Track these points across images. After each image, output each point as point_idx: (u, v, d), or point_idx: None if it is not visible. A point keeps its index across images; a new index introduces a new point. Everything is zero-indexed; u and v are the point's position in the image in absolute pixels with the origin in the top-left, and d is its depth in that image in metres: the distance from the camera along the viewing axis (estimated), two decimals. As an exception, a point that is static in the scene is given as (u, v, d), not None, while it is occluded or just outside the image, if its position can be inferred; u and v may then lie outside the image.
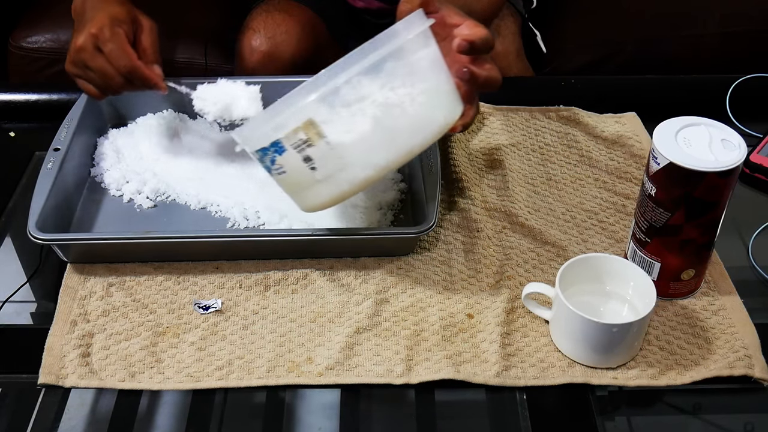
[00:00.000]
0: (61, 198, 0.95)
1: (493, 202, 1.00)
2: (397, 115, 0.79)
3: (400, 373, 0.81)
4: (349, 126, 0.78)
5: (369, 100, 0.78)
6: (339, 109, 0.77)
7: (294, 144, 0.78)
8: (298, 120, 0.77)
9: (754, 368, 0.81)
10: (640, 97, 1.19)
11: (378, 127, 0.78)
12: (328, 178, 0.80)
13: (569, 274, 0.83)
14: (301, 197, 0.85)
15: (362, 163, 0.80)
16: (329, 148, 0.78)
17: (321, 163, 0.79)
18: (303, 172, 0.80)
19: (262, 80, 1.12)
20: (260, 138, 0.79)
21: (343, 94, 0.77)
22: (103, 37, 0.92)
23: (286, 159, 0.79)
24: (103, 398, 0.80)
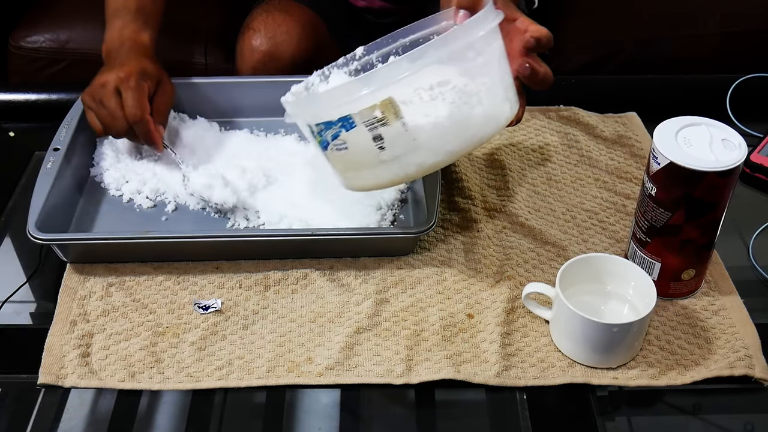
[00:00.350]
0: (61, 198, 0.95)
1: (493, 202, 1.00)
2: (474, 103, 0.80)
3: (400, 373, 0.81)
4: (428, 110, 0.78)
5: (450, 86, 0.78)
6: (420, 92, 0.78)
7: (367, 121, 0.77)
8: (377, 97, 0.76)
9: (755, 368, 0.81)
10: (640, 97, 1.19)
11: (455, 113, 0.79)
12: (395, 159, 0.80)
13: (569, 274, 0.83)
14: (354, 175, 0.85)
15: (434, 148, 0.80)
16: (404, 129, 0.78)
17: (391, 144, 0.79)
18: (369, 151, 0.80)
19: (262, 80, 1.12)
20: (326, 111, 0.79)
21: (425, 77, 0.77)
22: (127, 84, 0.96)
23: (353, 135, 0.79)
24: (103, 398, 0.80)
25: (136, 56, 1.00)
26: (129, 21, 1.04)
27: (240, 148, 1.05)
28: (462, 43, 0.77)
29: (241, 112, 1.11)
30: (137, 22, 1.04)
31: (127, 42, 1.02)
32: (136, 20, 1.04)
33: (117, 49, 1.01)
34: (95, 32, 1.50)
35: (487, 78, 0.80)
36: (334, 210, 0.96)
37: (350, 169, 0.84)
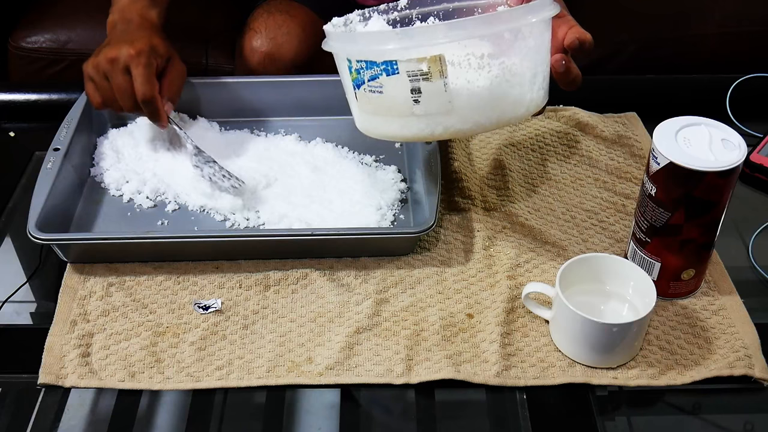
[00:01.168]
0: (61, 198, 0.95)
1: (493, 202, 1.00)
2: (515, 83, 0.81)
3: (400, 373, 0.81)
4: (472, 76, 0.79)
5: (499, 60, 0.79)
6: (470, 58, 0.78)
7: (411, 72, 0.78)
8: (428, 51, 0.77)
9: (754, 368, 0.81)
10: (640, 97, 1.19)
11: (495, 88, 0.80)
12: (426, 116, 0.81)
13: (569, 274, 0.83)
14: (378, 120, 0.85)
15: (465, 115, 0.81)
16: (444, 89, 0.79)
17: (426, 100, 0.79)
18: (403, 101, 0.80)
19: (262, 80, 1.12)
20: (373, 52, 0.79)
21: (479, 45, 0.78)
22: (138, 62, 0.95)
23: (392, 82, 0.79)
24: (103, 398, 0.80)
25: (145, 32, 0.99)
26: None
27: (240, 148, 1.05)
28: (523, 22, 0.78)
29: (241, 112, 1.11)
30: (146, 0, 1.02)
31: (135, 17, 1.00)
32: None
33: (125, 24, 1.00)
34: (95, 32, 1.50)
35: (532, 63, 0.81)
36: (333, 210, 0.96)
37: (377, 113, 0.84)
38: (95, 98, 0.98)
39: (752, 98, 1.16)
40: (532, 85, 0.83)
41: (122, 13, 1.01)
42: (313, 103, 1.10)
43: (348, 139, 1.08)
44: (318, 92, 1.10)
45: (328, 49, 0.86)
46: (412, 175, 1.02)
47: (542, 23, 0.81)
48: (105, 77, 0.96)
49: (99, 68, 0.96)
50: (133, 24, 1.00)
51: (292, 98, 1.10)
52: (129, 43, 0.96)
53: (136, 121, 1.08)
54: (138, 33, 0.98)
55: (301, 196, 0.98)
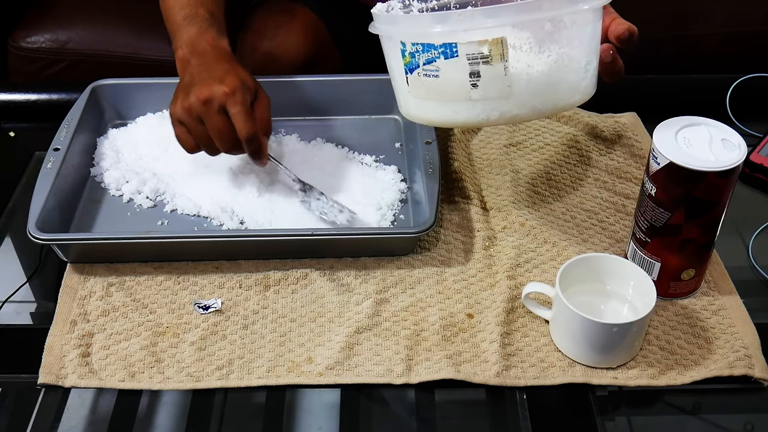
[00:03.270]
0: (61, 198, 0.95)
1: (493, 202, 1.00)
2: (572, 69, 0.80)
3: (400, 373, 0.81)
4: (533, 60, 0.78)
5: (559, 45, 0.78)
6: (531, 41, 0.77)
7: (471, 54, 0.76)
8: (491, 33, 0.75)
9: (754, 368, 0.81)
10: (640, 97, 1.19)
11: (554, 73, 0.79)
12: (483, 100, 0.79)
13: (569, 274, 0.83)
14: (429, 105, 0.83)
15: (523, 100, 0.80)
16: (504, 73, 0.77)
17: (486, 84, 0.78)
18: (461, 85, 0.78)
19: (262, 80, 1.12)
20: (431, 34, 0.77)
21: (541, 28, 0.77)
22: (234, 100, 0.89)
23: (450, 65, 0.77)
24: (103, 398, 0.80)
25: (227, 65, 0.93)
26: (205, 28, 0.96)
27: (240, 148, 1.05)
28: (584, 6, 0.77)
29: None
30: (213, 28, 0.97)
31: (208, 49, 0.94)
32: (212, 27, 0.97)
33: (200, 58, 0.94)
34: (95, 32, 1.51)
35: (587, 50, 0.81)
36: (334, 210, 0.96)
37: (430, 98, 0.82)
38: (188, 143, 0.93)
39: (752, 98, 1.16)
40: (586, 73, 0.82)
41: (193, 47, 0.95)
42: (313, 103, 1.10)
43: (348, 139, 1.08)
44: (318, 92, 1.10)
45: (377, 32, 0.82)
46: (412, 175, 1.02)
47: (598, 11, 0.80)
48: (199, 120, 0.90)
49: (192, 112, 0.90)
50: (209, 57, 0.94)
51: (292, 98, 1.10)
52: (218, 81, 0.89)
53: (136, 121, 1.08)
54: (220, 67, 0.92)
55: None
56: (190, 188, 0.99)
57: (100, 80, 1.08)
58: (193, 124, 0.91)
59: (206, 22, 0.96)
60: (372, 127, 1.11)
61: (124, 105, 1.09)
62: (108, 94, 1.09)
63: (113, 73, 1.11)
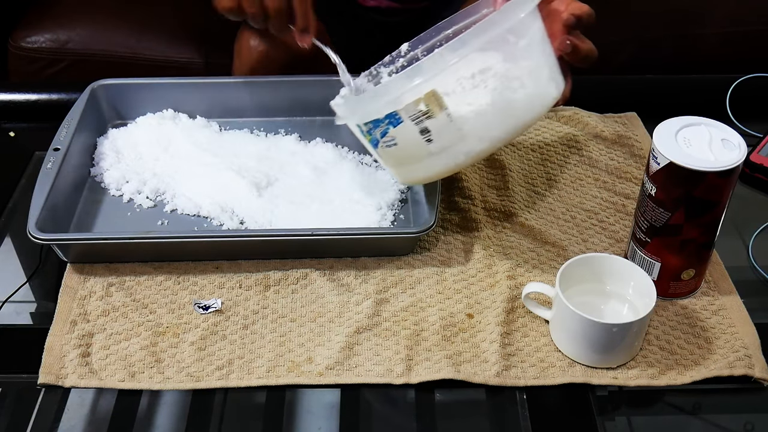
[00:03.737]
0: (61, 198, 0.95)
1: (493, 202, 1.00)
2: (516, 87, 0.80)
3: (400, 373, 0.81)
4: (471, 98, 0.79)
5: (491, 72, 0.78)
6: (462, 81, 0.78)
7: (413, 116, 0.78)
8: (420, 91, 0.77)
9: (754, 368, 0.81)
10: (640, 97, 1.19)
11: (498, 99, 0.79)
12: (444, 150, 0.81)
13: (569, 274, 0.83)
14: (406, 170, 0.86)
15: (480, 135, 0.81)
16: (449, 120, 0.79)
17: (438, 135, 0.80)
18: (417, 145, 0.81)
19: (262, 80, 1.12)
20: (374, 110, 0.80)
21: (466, 66, 0.77)
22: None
23: (401, 131, 0.80)
24: (103, 398, 0.80)
25: None
26: None
27: (240, 148, 1.05)
28: (501, 28, 0.77)
29: (241, 112, 1.10)
30: None
31: None
32: None
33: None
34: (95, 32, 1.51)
35: (529, 61, 0.81)
36: (334, 210, 0.96)
37: (402, 164, 0.85)
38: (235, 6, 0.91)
39: (752, 98, 1.16)
40: (537, 81, 0.82)
41: None
42: (313, 103, 1.10)
43: (348, 139, 1.08)
44: (318, 92, 1.10)
45: (340, 123, 0.87)
46: (412, 175, 1.02)
47: (526, 19, 0.79)
48: None
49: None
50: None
51: (292, 98, 1.10)
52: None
53: (136, 121, 1.08)
54: None
55: (301, 196, 0.98)
56: (190, 188, 0.99)
57: (100, 80, 1.08)
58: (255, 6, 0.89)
59: None
60: (372, 127, 1.11)
61: (124, 105, 1.09)
62: (108, 94, 1.09)
63: (113, 73, 1.11)
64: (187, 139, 1.05)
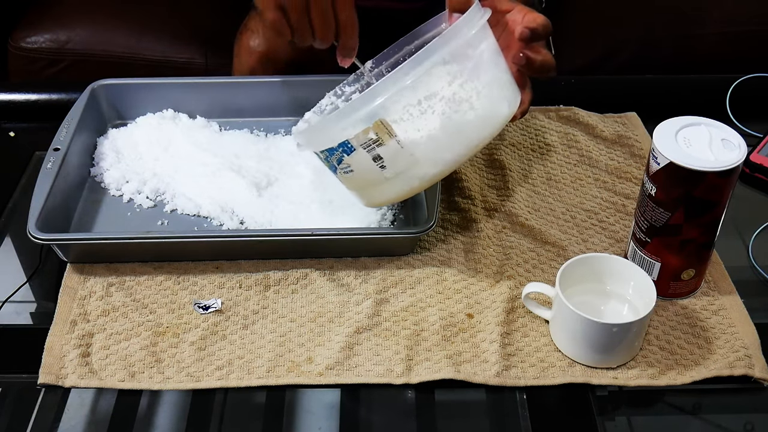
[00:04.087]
0: (61, 198, 0.95)
1: (493, 202, 1.00)
2: (466, 109, 0.80)
3: (400, 373, 0.81)
4: (419, 124, 0.79)
5: (438, 97, 0.78)
6: (409, 108, 0.78)
7: (364, 144, 0.79)
8: (368, 121, 0.78)
9: (754, 368, 0.81)
10: (640, 97, 1.19)
11: (447, 123, 0.79)
12: (398, 175, 0.82)
13: (569, 274, 0.83)
14: (367, 194, 0.87)
15: (432, 159, 0.81)
16: (399, 147, 0.79)
17: (391, 162, 0.80)
18: (372, 171, 0.81)
19: (262, 80, 1.12)
20: (327, 139, 0.81)
21: (412, 93, 0.77)
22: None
23: (355, 158, 0.81)
24: (103, 398, 0.80)
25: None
26: None
27: (240, 148, 1.05)
28: (445, 51, 0.77)
29: (241, 112, 1.11)
30: None
31: None
32: None
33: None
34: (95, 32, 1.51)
35: (477, 81, 0.80)
36: (333, 210, 0.96)
37: (361, 188, 0.86)
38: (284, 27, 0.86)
39: (752, 98, 1.16)
40: (487, 101, 0.81)
41: None
42: (312, 103, 1.10)
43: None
44: (318, 92, 1.10)
45: (302, 152, 0.88)
46: (412, 175, 1.02)
47: (472, 40, 0.79)
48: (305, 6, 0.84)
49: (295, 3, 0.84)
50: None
51: (292, 98, 1.10)
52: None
53: (136, 121, 1.08)
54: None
55: (301, 196, 0.98)
56: (190, 188, 0.99)
57: (100, 80, 1.08)
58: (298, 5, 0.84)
59: None
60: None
61: (124, 105, 1.09)
62: (108, 94, 1.09)
63: (113, 73, 1.11)
64: (187, 139, 1.05)
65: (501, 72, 0.83)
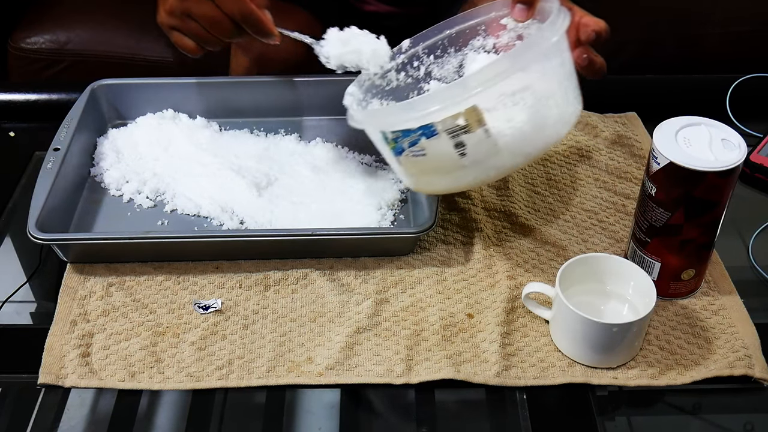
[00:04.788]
0: (61, 198, 0.95)
1: (493, 202, 1.00)
2: (551, 105, 0.80)
3: (400, 373, 0.81)
4: (510, 115, 0.78)
5: (530, 90, 0.78)
6: (503, 98, 0.78)
7: (450, 129, 0.78)
8: (461, 106, 0.76)
9: (754, 368, 0.81)
10: (640, 97, 1.19)
11: (534, 117, 0.79)
12: (476, 164, 0.81)
13: (569, 274, 0.83)
14: (427, 179, 0.85)
15: (513, 151, 0.80)
16: (486, 136, 0.78)
17: (472, 150, 0.79)
18: (449, 157, 0.80)
19: (262, 80, 1.12)
20: (408, 120, 0.78)
21: (509, 83, 0.77)
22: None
23: (434, 143, 0.79)
24: (103, 398, 0.80)
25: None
26: None
27: (240, 148, 1.05)
28: (542, 47, 0.78)
29: (241, 112, 1.10)
30: None
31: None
32: None
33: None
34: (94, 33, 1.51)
35: (561, 78, 0.81)
36: (334, 210, 0.96)
37: (426, 173, 0.84)
38: (188, 44, 0.89)
39: (752, 98, 1.16)
40: (567, 99, 0.82)
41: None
42: (313, 103, 1.10)
43: (348, 139, 1.08)
44: (318, 92, 1.10)
45: (354, 126, 0.85)
46: (412, 175, 1.02)
47: (562, 37, 0.80)
48: (187, 17, 0.87)
49: (175, 11, 0.87)
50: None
51: (292, 98, 1.10)
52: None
53: (136, 121, 1.08)
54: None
55: (301, 196, 0.98)
56: (190, 188, 0.99)
57: (100, 80, 1.08)
58: (183, 23, 0.88)
59: None
60: (372, 127, 1.11)
61: (124, 105, 1.09)
62: (108, 94, 1.09)
63: (113, 73, 1.11)
64: (187, 139, 1.05)
65: (574, 72, 0.83)
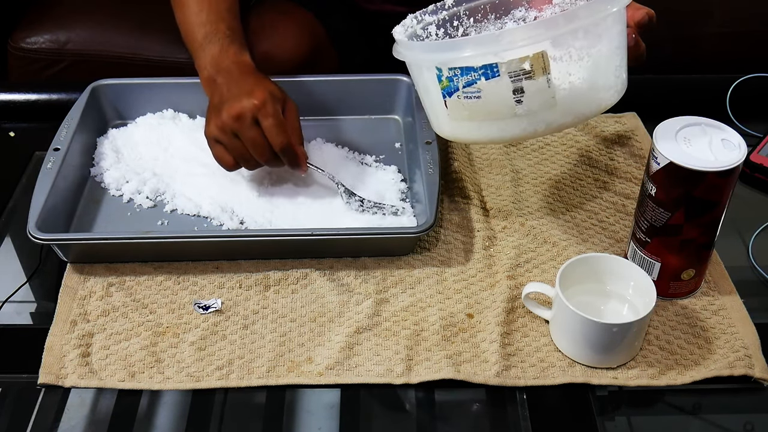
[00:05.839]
0: (61, 198, 0.95)
1: (493, 202, 1.00)
2: (607, 70, 0.81)
3: (400, 373, 0.81)
4: (572, 69, 0.79)
5: (596, 48, 0.79)
6: (571, 50, 0.78)
7: (513, 72, 0.77)
8: (530, 49, 0.76)
9: (754, 368, 0.81)
10: (640, 97, 1.19)
11: (592, 76, 0.79)
12: (528, 114, 0.80)
13: (569, 274, 0.83)
14: (470, 126, 0.83)
15: (567, 108, 0.80)
16: (547, 85, 0.78)
17: (530, 98, 0.78)
18: (504, 103, 0.79)
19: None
20: (470, 57, 0.77)
21: (578, 37, 0.77)
22: (265, 112, 0.90)
23: (492, 85, 0.78)
24: (103, 398, 0.80)
25: (253, 78, 0.94)
26: (227, 45, 0.97)
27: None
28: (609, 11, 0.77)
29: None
30: (234, 44, 0.98)
31: (233, 66, 0.95)
32: (233, 43, 0.97)
33: (226, 76, 0.95)
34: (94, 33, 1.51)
35: (618, 47, 0.81)
36: (333, 210, 0.96)
37: (472, 118, 0.82)
38: (227, 160, 0.93)
39: (752, 98, 1.16)
40: (619, 69, 0.83)
41: (217, 66, 0.96)
42: (312, 103, 1.10)
43: (348, 139, 1.08)
44: (318, 92, 1.10)
45: (404, 59, 0.83)
46: (412, 175, 1.02)
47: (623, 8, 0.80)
48: (234, 136, 0.91)
49: (226, 129, 0.91)
50: (234, 73, 0.95)
51: (292, 98, 1.10)
52: (248, 95, 0.91)
53: (136, 121, 1.08)
54: (247, 81, 0.94)
55: (301, 196, 0.98)
56: (190, 188, 0.99)
57: (100, 80, 1.08)
58: (229, 140, 0.92)
59: (227, 39, 0.97)
60: (372, 127, 1.11)
61: (124, 105, 1.09)
62: (108, 94, 1.09)
63: (113, 73, 1.11)
64: (187, 140, 1.05)
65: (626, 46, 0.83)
